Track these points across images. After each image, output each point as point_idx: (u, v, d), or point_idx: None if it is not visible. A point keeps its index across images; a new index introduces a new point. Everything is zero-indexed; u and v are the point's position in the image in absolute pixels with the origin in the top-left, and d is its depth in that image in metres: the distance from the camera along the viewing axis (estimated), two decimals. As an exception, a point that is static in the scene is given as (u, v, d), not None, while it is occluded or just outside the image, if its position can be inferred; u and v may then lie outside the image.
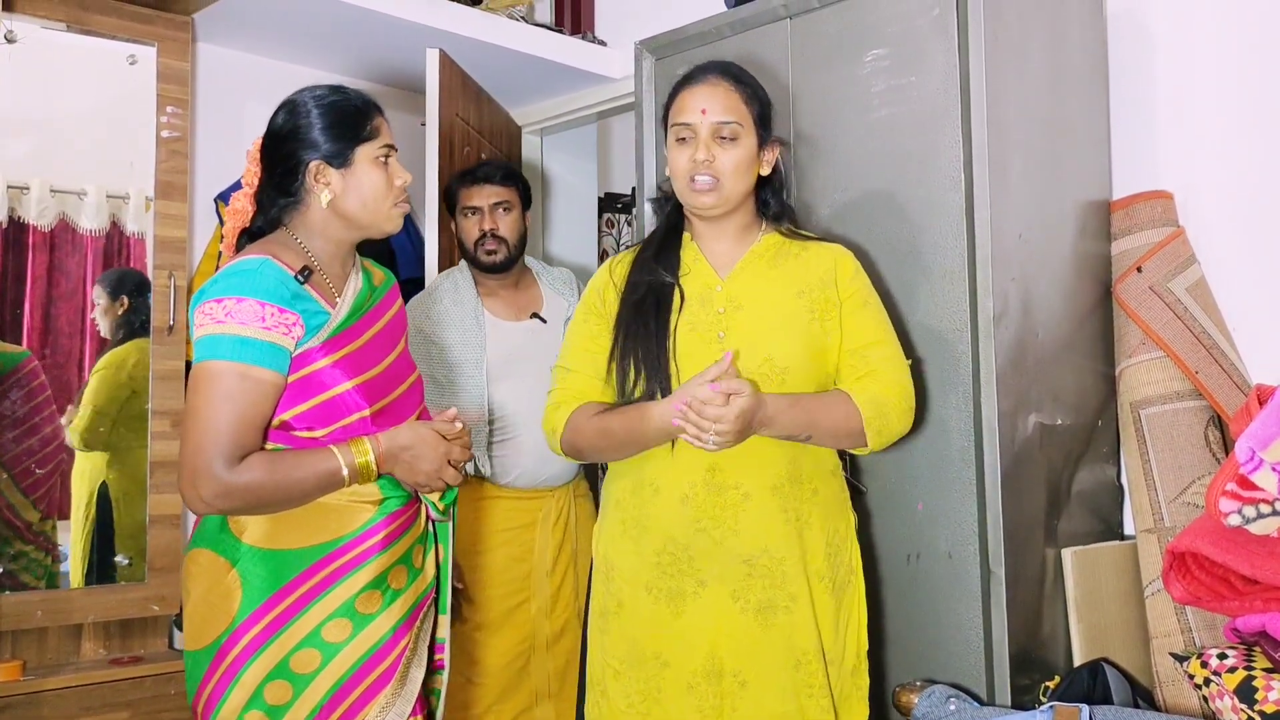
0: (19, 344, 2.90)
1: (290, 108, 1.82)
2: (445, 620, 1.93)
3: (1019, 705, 2.06)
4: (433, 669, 1.91)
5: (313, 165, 1.78)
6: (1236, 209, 2.35)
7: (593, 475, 2.96)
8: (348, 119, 1.79)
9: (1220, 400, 2.22)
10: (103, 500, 2.97)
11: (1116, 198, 2.43)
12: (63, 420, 2.95)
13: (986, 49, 2.11)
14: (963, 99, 2.14)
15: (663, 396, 1.89)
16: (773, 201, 2.03)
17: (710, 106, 1.91)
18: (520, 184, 2.83)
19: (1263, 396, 2.01)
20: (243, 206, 1.86)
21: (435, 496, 1.85)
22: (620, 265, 2.07)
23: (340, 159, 1.78)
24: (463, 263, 2.83)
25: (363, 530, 1.75)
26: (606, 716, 1.96)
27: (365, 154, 1.80)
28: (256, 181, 1.84)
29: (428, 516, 1.88)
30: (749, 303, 1.95)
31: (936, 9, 2.19)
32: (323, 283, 1.78)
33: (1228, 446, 2.25)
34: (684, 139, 1.93)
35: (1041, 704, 2.01)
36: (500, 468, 2.70)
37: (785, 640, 1.88)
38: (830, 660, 1.91)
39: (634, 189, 2.81)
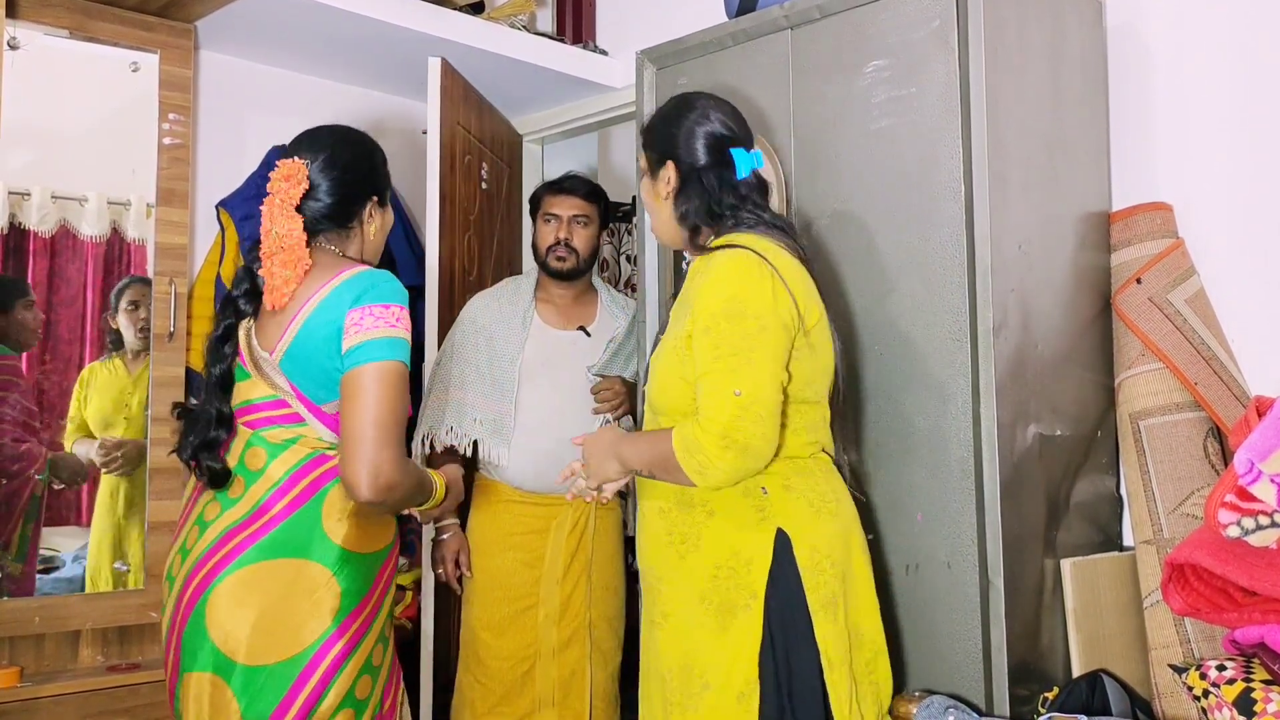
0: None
1: (361, 141, 1.98)
2: None
3: (1017, 716, 2.05)
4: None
5: (372, 200, 1.97)
6: (1235, 220, 2.35)
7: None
8: (385, 165, 2.02)
9: (1219, 412, 2.23)
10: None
11: (1116, 209, 2.44)
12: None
13: (986, 60, 2.12)
14: (963, 110, 2.14)
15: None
16: (687, 217, 1.98)
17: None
18: (602, 202, 2.95)
19: (1261, 408, 2.01)
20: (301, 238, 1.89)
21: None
22: None
23: (386, 198, 2.02)
24: (533, 267, 2.95)
25: (396, 534, 1.96)
26: None
27: (390, 196, 2.05)
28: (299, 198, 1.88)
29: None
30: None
31: (937, 20, 2.19)
32: None
33: (1226, 458, 2.25)
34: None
35: (1040, 715, 2.01)
36: (517, 470, 2.74)
37: (653, 654, 1.95)
38: (706, 684, 1.84)
39: (634, 198, 2.83)
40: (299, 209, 1.86)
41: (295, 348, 1.81)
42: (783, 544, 1.85)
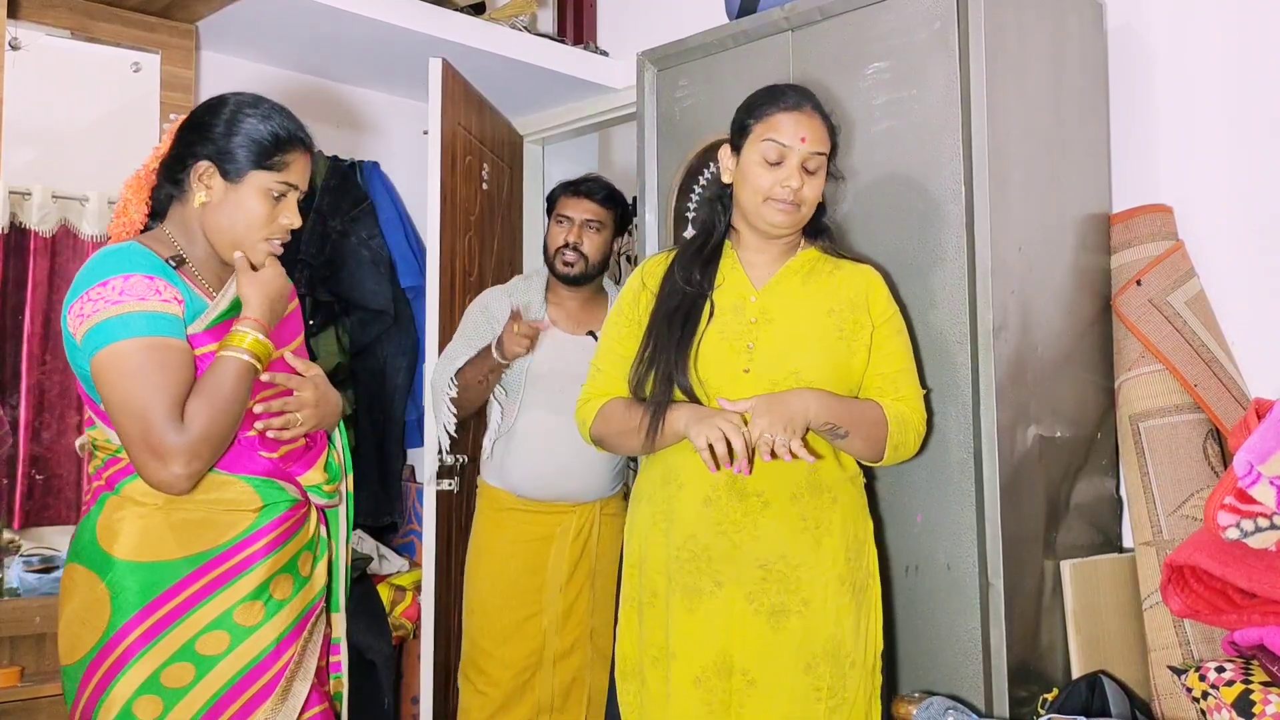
0: (19, 350, 2.90)
1: (216, 103, 1.78)
2: (340, 619, 1.90)
3: (1017, 718, 2.06)
4: (329, 672, 1.89)
5: (202, 164, 1.74)
6: (1235, 223, 2.36)
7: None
8: (260, 140, 1.75)
9: (1219, 414, 2.23)
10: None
11: (1116, 211, 2.44)
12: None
13: (987, 62, 2.12)
14: (963, 112, 2.14)
15: (688, 400, 1.97)
16: (819, 222, 2.09)
17: (810, 137, 1.97)
18: (619, 208, 2.88)
19: (1261, 410, 2.02)
20: (150, 171, 1.83)
21: (320, 479, 1.82)
22: (657, 266, 2.12)
23: (232, 172, 1.74)
24: (543, 267, 2.90)
25: (241, 539, 1.71)
26: (647, 704, 1.99)
27: (259, 180, 1.74)
28: (164, 156, 1.81)
29: (320, 518, 1.84)
30: (780, 316, 2.00)
31: (938, 22, 2.20)
32: (194, 275, 1.75)
33: (1226, 460, 2.25)
34: (775, 161, 1.96)
35: (1040, 716, 2.01)
36: (520, 475, 2.73)
37: (795, 643, 1.93)
38: (852, 662, 1.96)
39: (634, 198, 2.83)
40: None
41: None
42: (875, 530, 2.09)
